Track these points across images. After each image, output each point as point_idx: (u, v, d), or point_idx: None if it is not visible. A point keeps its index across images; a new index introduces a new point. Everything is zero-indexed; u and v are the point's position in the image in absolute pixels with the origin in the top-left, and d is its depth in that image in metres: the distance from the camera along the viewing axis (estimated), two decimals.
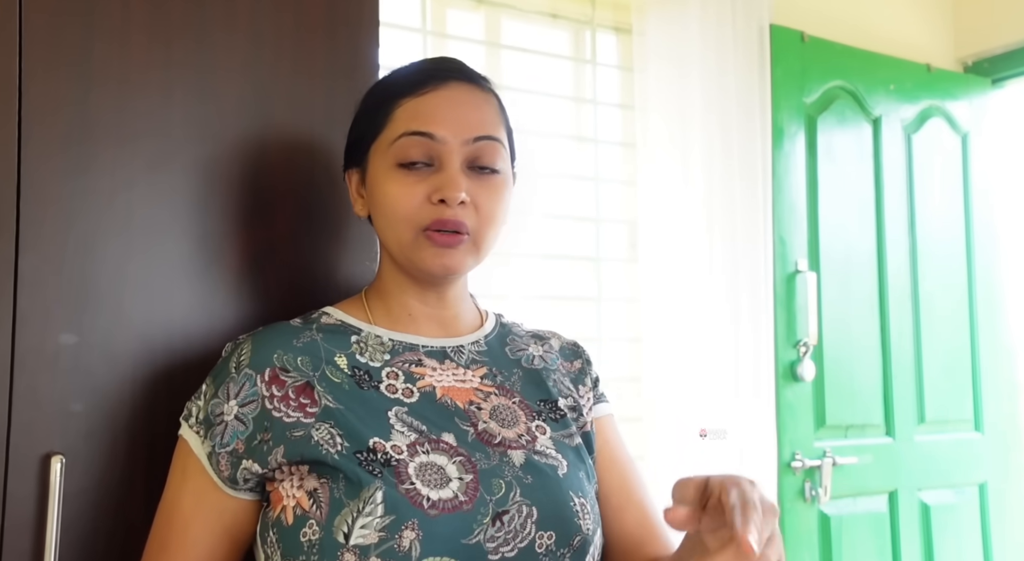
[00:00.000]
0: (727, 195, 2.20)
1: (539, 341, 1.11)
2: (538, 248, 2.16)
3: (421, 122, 0.95)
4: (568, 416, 1.03)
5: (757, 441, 2.20)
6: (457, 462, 0.90)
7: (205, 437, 0.92)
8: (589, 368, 1.12)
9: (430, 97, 0.97)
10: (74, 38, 0.99)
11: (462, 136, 0.95)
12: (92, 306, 0.98)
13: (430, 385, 0.97)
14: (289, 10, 1.13)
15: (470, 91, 0.99)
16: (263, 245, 1.09)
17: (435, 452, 0.90)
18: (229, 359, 0.94)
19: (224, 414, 0.91)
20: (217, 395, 0.92)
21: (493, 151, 0.97)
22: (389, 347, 0.99)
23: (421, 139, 0.95)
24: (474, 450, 0.92)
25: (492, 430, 0.95)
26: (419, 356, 0.99)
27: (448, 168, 0.94)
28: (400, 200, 0.95)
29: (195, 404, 0.94)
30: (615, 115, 2.30)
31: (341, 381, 0.94)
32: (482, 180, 0.97)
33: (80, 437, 0.96)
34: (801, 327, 2.33)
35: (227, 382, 0.92)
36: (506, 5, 2.17)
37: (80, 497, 0.96)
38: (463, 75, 1.00)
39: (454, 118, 0.96)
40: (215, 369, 0.95)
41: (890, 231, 2.55)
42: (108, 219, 1.00)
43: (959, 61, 2.88)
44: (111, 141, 1.01)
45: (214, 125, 1.07)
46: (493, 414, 0.97)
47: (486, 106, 0.99)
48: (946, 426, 2.61)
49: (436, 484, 0.87)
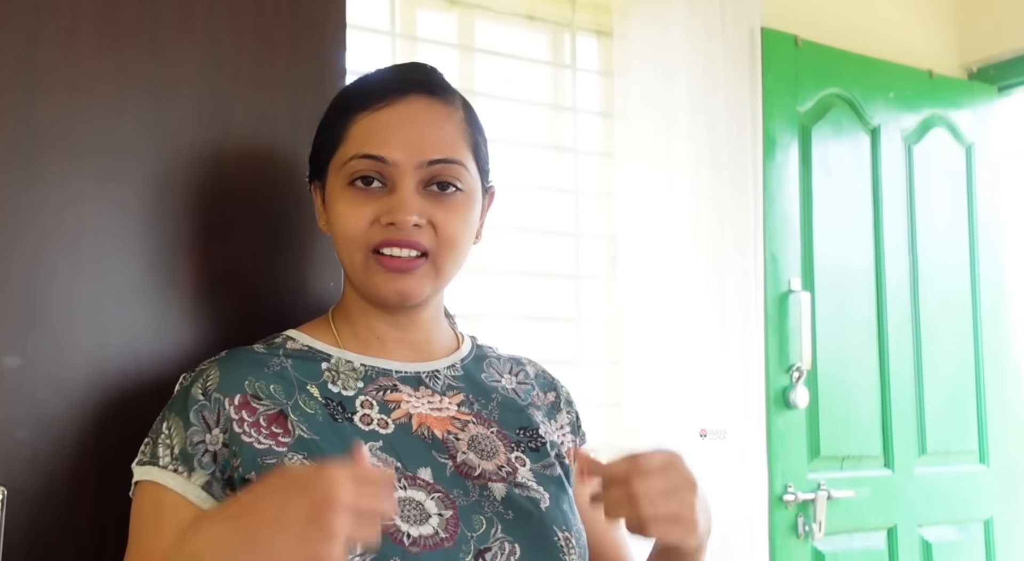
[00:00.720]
0: (715, 209, 2.26)
1: (515, 366, 1.16)
2: (513, 264, 2.20)
3: (373, 144, 0.98)
4: (547, 445, 1.07)
5: (746, 472, 2.24)
6: (435, 498, 0.94)
7: (192, 470, 0.92)
8: (567, 406, 1.16)
9: (385, 114, 1.00)
10: (18, 41, 1.03)
11: (416, 159, 0.98)
12: (38, 327, 1.02)
13: (406, 414, 1.01)
14: (249, 14, 1.18)
15: (430, 106, 1.01)
16: (222, 263, 1.14)
17: (412, 488, 0.94)
18: (192, 387, 0.97)
19: (207, 444, 0.93)
20: (192, 423, 0.94)
21: (452, 171, 1.00)
22: (362, 373, 1.02)
23: (372, 162, 0.98)
24: (452, 486, 0.96)
25: (471, 462, 1.00)
26: (393, 381, 1.03)
27: (400, 190, 0.98)
28: (349, 220, 0.99)
29: (160, 444, 0.94)
30: (596, 123, 2.36)
31: (315, 412, 0.97)
32: (441, 200, 1.00)
33: (24, 466, 0.99)
34: (794, 351, 2.39)
35: (200, 410, 0.94)
36: (480, 6, 2.22)
37: (22, 528, 0.99)
38: (425, 88, 1.02)
39: (408, 139, 0.99)
40: (175, 401, 0.97)
41: (889, 248, 2.62)
42: (55, 235, 1.04)
43: (963, 67, 2.95)
44: (59, 152, 1.05)
45: (168, 136, 1.11)
46: (472, 444, 1.01)
47: (447, 123, 1.02)
48: (949, 458, 2.67)
49: (415, 520, 0.91)
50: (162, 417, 0.97)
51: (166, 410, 0.97)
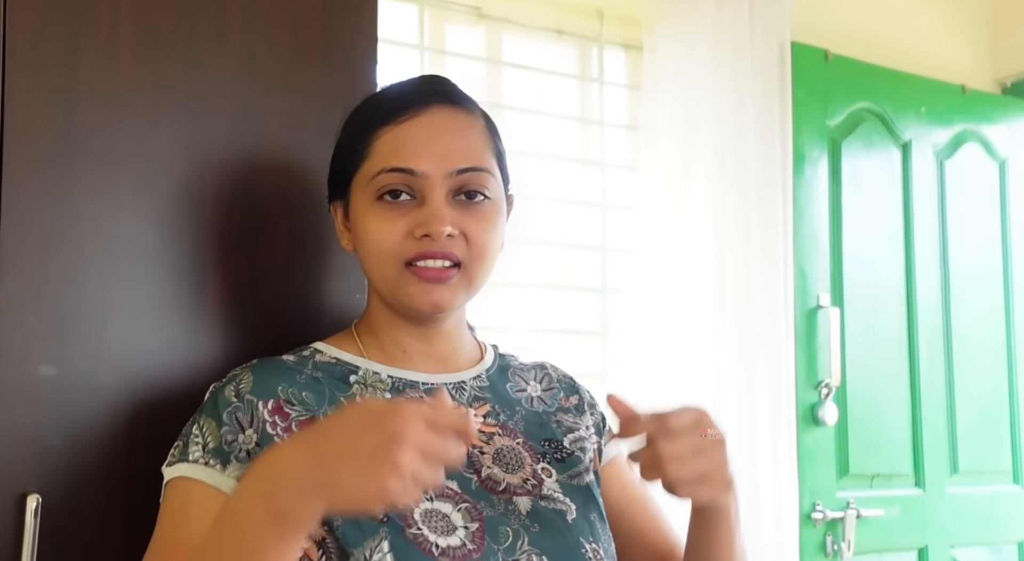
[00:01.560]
0: (743, 223, 2.26)
1: (539, 372, 1.16)
2: (539, 277, 2.21)
3: (401, 157, 0.99)
4: (576, 454, 1.07)
5: (775, 490, 2.23)
6: (462, 509, 0.95)
7: (228, 463, 0.92)
8: (591, 409, 1.17)
9: (410, 126, 1.00)
10: (59, 54, 1.05)
11: (445, 168, 0.99)
12: (73, 337, 1.03)
13: None
14: (283, 29, 1.20)
15: (454, 116, 1.02)
16: (251, 274, 1.15)
17: (439, 499, 0.94)
18: (224, 389, 0.98)
19: (241, 443, 0.94)
20: (225, 423, 0.95)
21: (480, 179, 1.01)
22: (389, 385, 1.03)
23: (401, 175, 0.99)
24: (478, 498, 0.97)
25: (496, 476, 1.00)
26: (420, 393, 1.04)
27: (431, 201, 0.98)
28: (381, 235, 0.99)
29: (191, 443, 0.95)
30: (623, 137, 2.37)
31: None
32: (471, 209, 1.01)
33: (58, 474, 1.01)
34: (823, 367, 2.38)
35: (234, 412, 0.95)
36: (508, 20, 2.24)
37: (56, 536, 1.00)
38: (446, 98, 1.03)
39: (436, 150, 0.99)
40: (206, 405, 0.99)
41: (920, 264, 2.61)
42: (91, 245, 1.06)
43: (997, 82, 2.94)
44: (95, 162, 1.06)
45: (202, 148, 1.13)
46: (497, 458, 1.02)
47: (471, 132, 1.03)
48: (981, 478, 2.65)
49: (443, 531, 0.92)
50: (192, 421, 0.98)
51: (196, 414, 0.99)
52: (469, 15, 2.22)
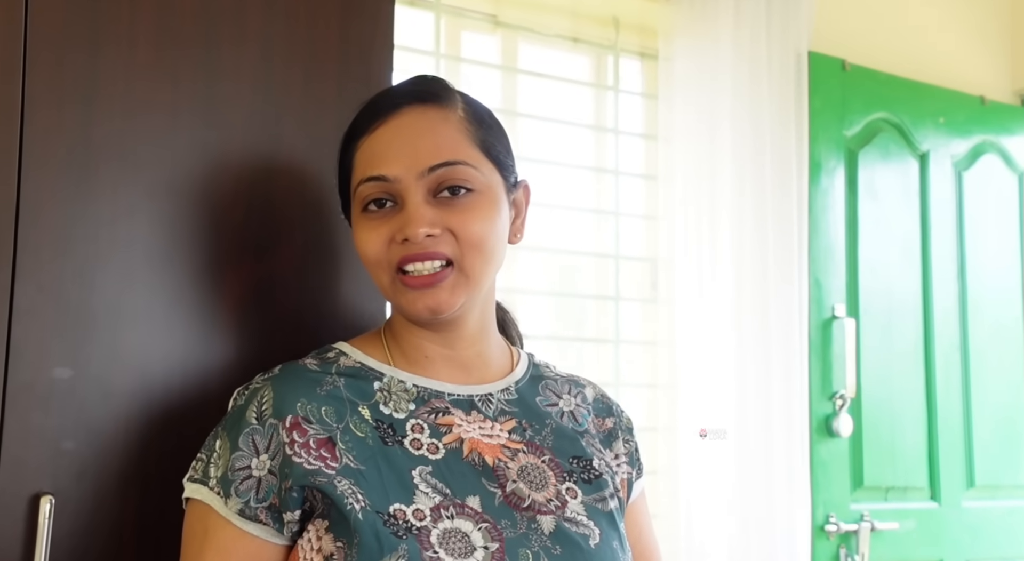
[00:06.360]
0: (759, 233, 2.26)
1: (574, 387, 1.14)
2: (553, 285, 2.22)
3: (374, 165, 0.99)
4: (604, 476, 1.06)
5: (788, 501, 2.22)
6: (483, 529, 0.94)
7: (229, 496, 0.94)
8: (627, 435, 1.15)
9: (381, 132, 1.01)
10: (78, 58, 1.06)
11: (416, 169, 0.98)
12: (89, 339, 1.04)
13: (457, 439, 1.00)
14: (301, 35, 1.21)
15: (422, 114, 1.01)
16: (267, 278, 1.16)
17: (459, 517, 0.94)
18: (247, 408, 0.97)
19: (252, 468, 0.94)
20: (239, 448, 0.95)
21: (457, 173, 0.99)
22: (414, 394, 1.02)
23: (377, 183, 0.99)
24: (500, 516, 0.96)
25: (521, 492, 0.99)
26: (445, 404, 1.03)
27: (408, 204, 0.98)
28: (367, 245, 1.00)
29: (212, 463, 0.96)
30: (638, 145, 2.38)
31: (365, 435, 0.97)
32: (454, 204, 0.99)
33: (71, 476, 1.02)
34: (838, 378, 2.38)
35: (251, 434, 0.95)
36: (524, 28, 2.25)
37: (69, 539, 1.01)
38: (415, 97, 1.02)
39: (405, 152, 0.99)
40: (229, 419, 0.99)
41: (937, 275, 2.60)
42: (107, 247, 1.06)
43: (1016, 93, 2.94)
44: (113, 165, 1.07)
45: (220, 152, 1.14)
46: (521, 474, 1.01)
47: (442, 127, 1.01)
48: (998, 492, 2.64)
49: (460, 553, 0.91)
50: (215, 434, 0.98)
51: (219, 427, 0.99)
52: (485, 23, 2.23)
